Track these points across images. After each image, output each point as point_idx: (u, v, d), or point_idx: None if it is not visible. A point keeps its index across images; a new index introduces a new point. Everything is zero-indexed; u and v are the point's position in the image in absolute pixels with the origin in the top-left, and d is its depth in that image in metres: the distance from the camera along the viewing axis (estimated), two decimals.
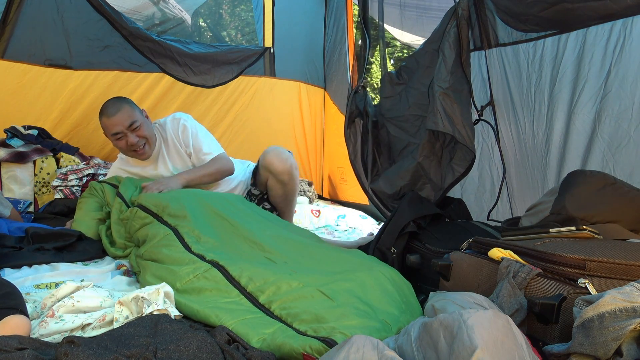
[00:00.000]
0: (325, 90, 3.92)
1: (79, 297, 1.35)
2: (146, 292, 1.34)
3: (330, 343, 1.12)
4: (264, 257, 1.68)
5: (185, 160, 2.44)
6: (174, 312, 1.33)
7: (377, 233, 1.95)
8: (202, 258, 1.60)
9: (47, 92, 2.91)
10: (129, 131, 2.23)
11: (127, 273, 1.82)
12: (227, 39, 4.10)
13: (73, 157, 2.81)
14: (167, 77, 3.17)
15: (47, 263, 1.79)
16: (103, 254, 1.99)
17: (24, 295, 1.36)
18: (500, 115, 2.15)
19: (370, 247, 1.89)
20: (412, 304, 1.47)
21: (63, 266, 1.80)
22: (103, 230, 2.07)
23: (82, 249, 1.94)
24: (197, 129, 2.45)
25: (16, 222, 2.13)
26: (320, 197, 3.90)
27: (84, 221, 2.12)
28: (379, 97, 2.48)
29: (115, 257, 1.95)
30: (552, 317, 1.04)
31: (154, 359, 0.97)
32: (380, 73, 2.63)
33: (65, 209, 2.46)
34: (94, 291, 1.41)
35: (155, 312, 1.26)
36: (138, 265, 1.74)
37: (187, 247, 1.68)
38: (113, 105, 2.25)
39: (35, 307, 1.40)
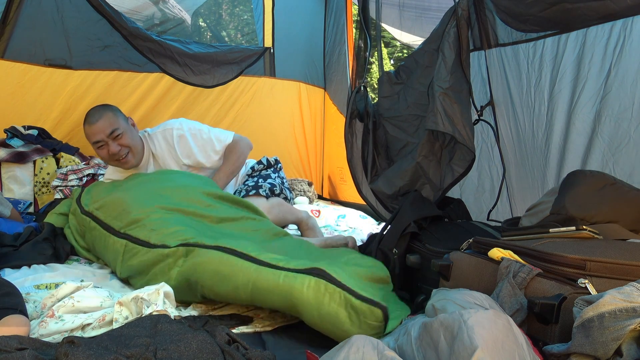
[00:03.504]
0: (325, 90, 3.93)
1: (79, 297, 1.35)
2: (146, 292, 1.34)
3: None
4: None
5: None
6: (173, 313, 1.33)
7: (379, 233, 1.95)
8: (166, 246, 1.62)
9: (47, 92, 2.91)
10: (110, 139, 2.18)
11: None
12: (226, 39, 4.10)
13: (73, 157, 2.81)
14: (167, 77, 3.17)
15: (45, 264, 1.79)
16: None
17: (24, 295, 1.37)
18: (500, 115, 2.15)
19: (373, 247, 1.89)
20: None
21: (62, 267, 1.81)
22: (69, 233, 2.06)
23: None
24: (197, 133, 2.39)
25: (14, 222, 2.13)
26: (320, 197, 3.90)
27: (50, 218, 2.15)
28: (377, 96, 2.48)
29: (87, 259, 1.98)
30: (552, 317, 1.04)
31: (153, 359, 0.97)
32: (379, 73, 2.63)
33: None
34: (94, 291, 1.41)
35: (154, 313, 1.26)
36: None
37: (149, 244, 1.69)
38: (95, 113, 2.22)
39: (35, 307, 1.40)
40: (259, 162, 2.63)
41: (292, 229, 2.64)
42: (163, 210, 1.84)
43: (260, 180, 2.48)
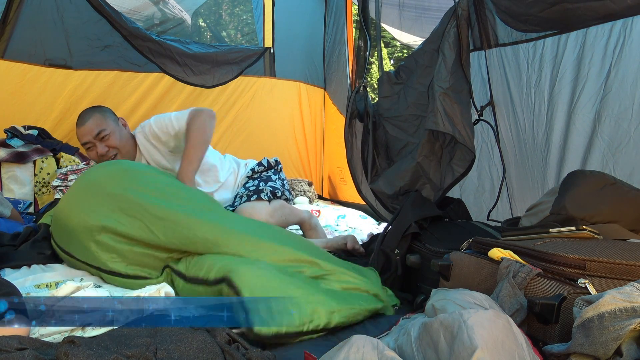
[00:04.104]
0: (325, 90, 3.93)
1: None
2: (147, 292, 1.34)
3: None
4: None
5: (167, 163, 2.37)
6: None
7: (381, 234, 1.95)
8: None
9: (47, 92, 2.91)
10: (97, 140, 2.18)
11: None
12: (226, 39, 4.11)
13: (73, 157, 2.80)
14: (167, 77, 3.17)
15: (44, 264, 1.79)
16: None
17: (24, 295, 1.36)
18: (500, 115, 2.16)
19: (375, 248, 1.89)
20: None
21: (62, 267, 1.80)
22: None
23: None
24: (159, 120, 2.30)
25: (14, 222, 2.13)
26: (320, 197, 3.90)
27: (45, 219, 2.08)
28: (377, 96, 2.49)
29: None
30: (552, 317, 1.04)
31: (154, 359, 0.97)
32: (379, 73, 2.63)
33: None
34: (94, 291, 1.41)
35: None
36: None
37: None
38: (84, 115, 2.21)
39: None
40: (259, 164, 2.59)
41: (293, 229, 2.64)
42: (113, 232, 1.63)
43: (261, 183, 2.45)
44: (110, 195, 1.68)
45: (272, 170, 2.59)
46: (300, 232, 2.58)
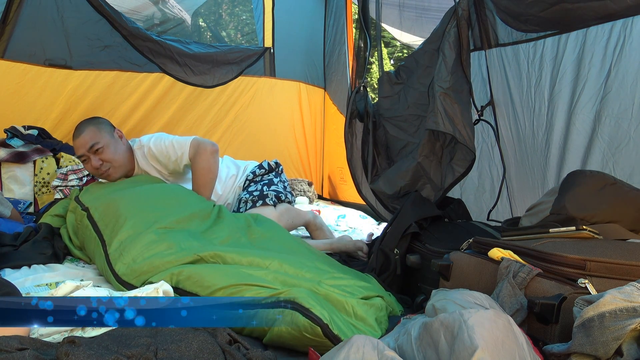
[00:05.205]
0: (325, 90, 3.93)
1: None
2: (145, 291, 1.34)
3: None
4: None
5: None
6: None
7: (381, 234, 1.95)
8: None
9: (47, 92, 2.92)
10: (90, 154, 2.16)
11: None
12: (226, 39, 4.11)
13: (73, 157, 2.80)
14: (167, 77, 3.17)
15: (44, 264, 1.79)
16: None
17: (24, 295, 1.36)
18: (500, 115, 2.16)
19: (374, 248, 1.89)
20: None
21: (62, 266, 1.81)
22: (65, 232, 2.02)
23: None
24: (158, 142, 2.30)
25: (14, 222, 2.13)
26: (320, 197, 3.90)
27: (45, 219, 2.12)
28: (377, 96, 2.49)
29: (81, 260, 1.94)
30: (552, 317, 1.04)
31: (154, 359, 0.97)
32: (379, 73, 2.63)
33: None
34: (94, 290, 1.40)
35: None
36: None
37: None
38: (80, 127, 2.20)
39: None
40: (260, 167, 2.57)
41: (296, 230, 2.64)
42: (160, 230, 1.72)
43: (264, 187, 2.43)
44: None
45: (274, 173, 2.58)
46: (307, 234, 2.58)
